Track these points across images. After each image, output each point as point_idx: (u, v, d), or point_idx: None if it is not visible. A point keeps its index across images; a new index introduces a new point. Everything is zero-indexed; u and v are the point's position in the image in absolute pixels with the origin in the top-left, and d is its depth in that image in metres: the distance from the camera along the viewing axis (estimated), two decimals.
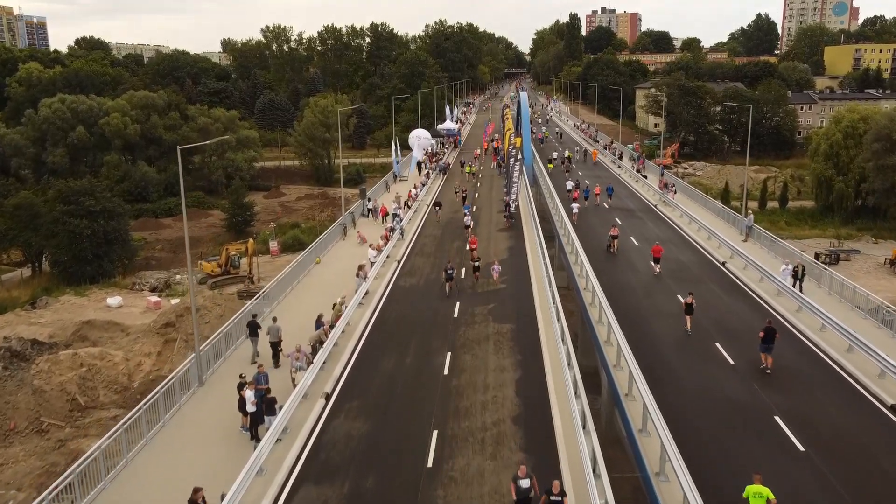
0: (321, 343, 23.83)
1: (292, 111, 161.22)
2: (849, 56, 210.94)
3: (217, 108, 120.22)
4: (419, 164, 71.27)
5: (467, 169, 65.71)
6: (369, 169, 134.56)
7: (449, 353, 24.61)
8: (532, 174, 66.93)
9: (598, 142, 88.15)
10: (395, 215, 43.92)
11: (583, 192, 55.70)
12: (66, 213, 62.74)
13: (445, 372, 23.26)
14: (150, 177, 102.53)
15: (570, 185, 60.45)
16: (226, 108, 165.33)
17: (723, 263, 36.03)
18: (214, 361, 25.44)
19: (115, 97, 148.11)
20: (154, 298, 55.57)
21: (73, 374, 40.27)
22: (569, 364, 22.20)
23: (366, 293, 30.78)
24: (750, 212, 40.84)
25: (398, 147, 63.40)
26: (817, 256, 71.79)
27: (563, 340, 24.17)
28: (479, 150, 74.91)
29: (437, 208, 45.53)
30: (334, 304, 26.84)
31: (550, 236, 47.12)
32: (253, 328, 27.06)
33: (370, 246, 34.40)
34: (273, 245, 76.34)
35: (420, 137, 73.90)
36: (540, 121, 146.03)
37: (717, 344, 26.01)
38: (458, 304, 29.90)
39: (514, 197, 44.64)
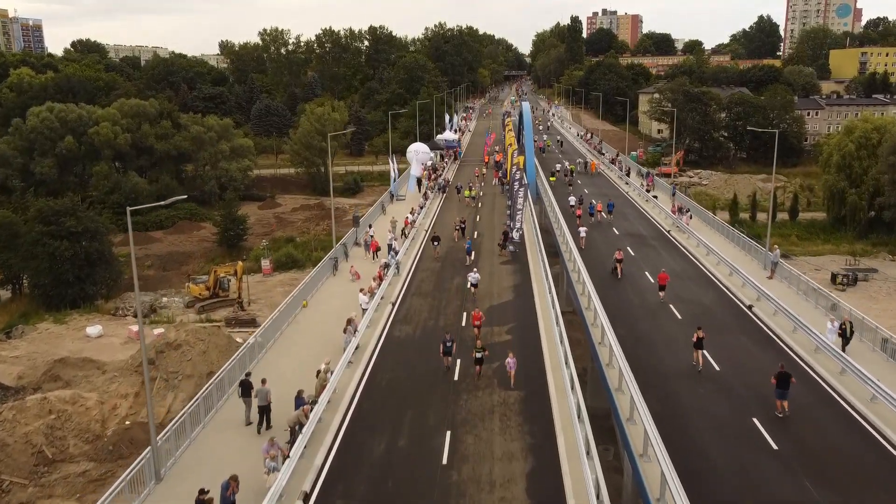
0: (301, 426, 20.69)
1: (289, 117, 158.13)
2: (854, 59, 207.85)
3: (210, 116, 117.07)
4: (418, 181, 68.14)
5: (466, 193, 60.88)
6: (367, 177, 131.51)
7: (448, 433, 21.45)
8: (535, 191, 63.96)
9: (603, 154, 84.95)
10: (389, 246, 40.74)
11: (586, 208, 55.09)
12: (46, 234, 59.58)
13: (444, 460, 20.06)
14: (141, 188, 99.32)
15: (572, 200, 60.11)
16: (221, 114, 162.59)
17: (749, 307, 32.88)
18: (191, 429, 22.13)
19: (107, 103, 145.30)
20: (135, 328, 52.33)
21: (40, 424, 37.11)
22: (587, 452, 19.09)
23: (356, 347, 27.64)
24: (776, 246, 37.57)
25: (396, 165, 60.28)
26: (834, 278, 68.85)
27: (579, 417, 21.06)
28: (478, 169, 71.01)
29: (436, 243, 41.77)
30: (318, 372, 23.70)
31: (553, 251, 44.88)
32: (246, 388, 24.08)
33: (361, 290, 31.27)
34: (265, 263, 73.27)
35: (418, 152, 70.74)
36: (541, 128, 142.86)
37: (755, 420, 22.84)
38: (458, 361, 26.79)
39: (518, 226, 41.51)
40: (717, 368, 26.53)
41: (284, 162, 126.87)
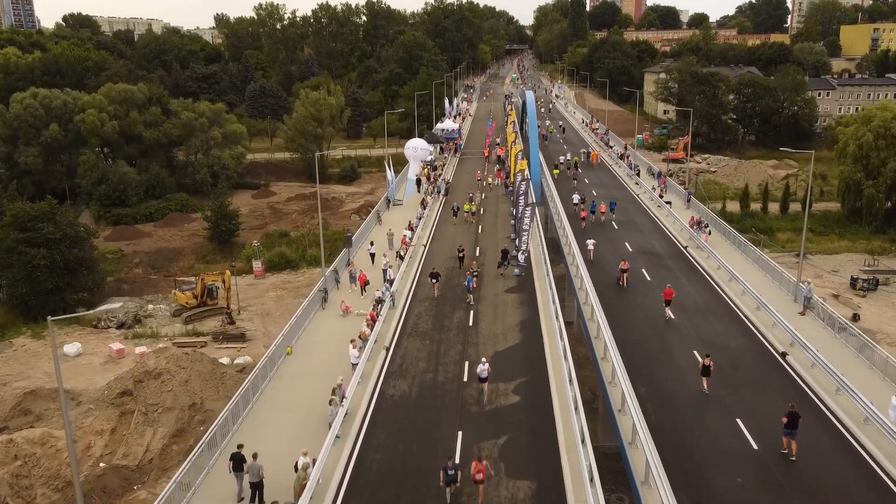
0: None
1: (284, 98, 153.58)
2: (866, 36, 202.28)
3: (202, 102, 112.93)
4: (417, 182, 64.53)
5: (466, 208, 53.20)
6: (365, 162, 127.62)
7: None
8: (540, 191, 60.43)
9: (611, 147, 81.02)
10: (384, 272, 37.40)
11: (589, 206, 54.29)
12: (22, 242, 56.24)
13: None
14: (130, 178, 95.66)
15: (576, 198, 58.60)
16: (215, 95, 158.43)
17: (783, 355, 29.60)
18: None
19: (97, 84, 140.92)
20: (117, 346, 49.30)
21: (4, 472, 34.12)
22: None
23: (345, 414, 24.45)
24: (808, 280, 34.19)
25: (392, 168, 56.65)
26: (854, 283, 65.56)
27: None
28: (480, 172, 66.48)
29: (434, 280, 36.09)
30: (295, 465, 20.50)
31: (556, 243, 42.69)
32: (238, 462, 21.23)
33: (352, 342, 27.93)
34: (257, 265, 69.98)
35: (417, 149, 66.82)
36: (542, 110, 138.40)
37: None
38: (459, 433, 23.65)
39: (524, 248, 38.14)
40: (755, 446, 23.28)
41: (279, 145, 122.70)
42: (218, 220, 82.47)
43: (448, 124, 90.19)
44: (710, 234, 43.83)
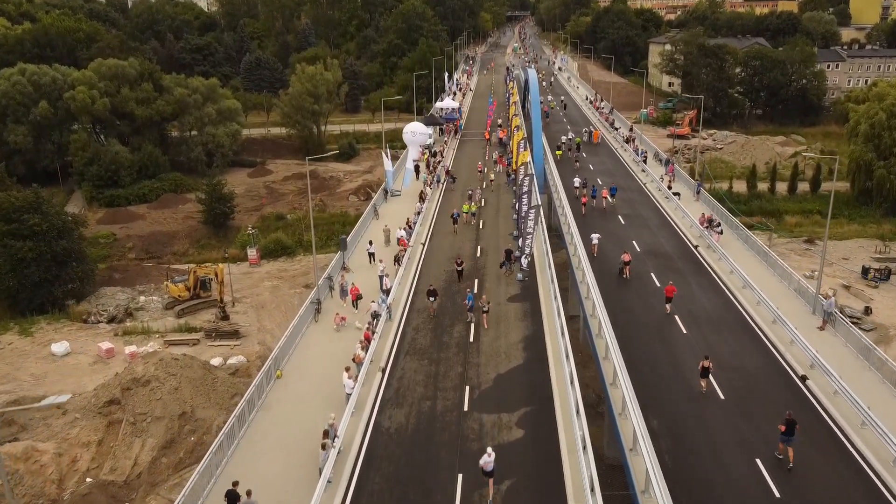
0: None
1: (280, 70, 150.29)
2: (877, 4, 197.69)
3: (196, 77, 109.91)
4: (416, 168, 62.35)
5: (465, 209, 48.24)
6: (363, 138, 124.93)
7: None
8: (542, 176, 58.41)
9: (616, 129, 78.47)
10: (380, 280, 35.53)
11: (590, 191, 54.05)
12: (7, 234, 54.38)
13: None
14: (122, 158, 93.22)
15: (577, 181, 57.87)
16: (210, 66, 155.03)
17: (802, 379, 27.89)
18: None
19: (88, 58, 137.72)
20: (106, 346, 47.71)
21: None
22: None
23: (338, 453, 22.83)
24: (830, 293, 32.37)
25: (390, 156, 54.44)
26: (866, 272, 63.76)
27: None
28: (480, 163, 63.73)
29: (432, 299, 33.07)
30: None
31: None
32: (232, 499, 19.94)
33: (346, 370, 26.10)
34: (252, 253, 68.23)
35: (416, 133, 64.45)
36: (544, 83, 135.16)
37: None
38: (460, 476, 22.05)
39: (527, 251, 36.27)
40: (777, 496, 21.66)
41: (276, 121, 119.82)
42: (212, 202, 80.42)
43: (448, 103, 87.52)
44: (721, 233, 41.85)
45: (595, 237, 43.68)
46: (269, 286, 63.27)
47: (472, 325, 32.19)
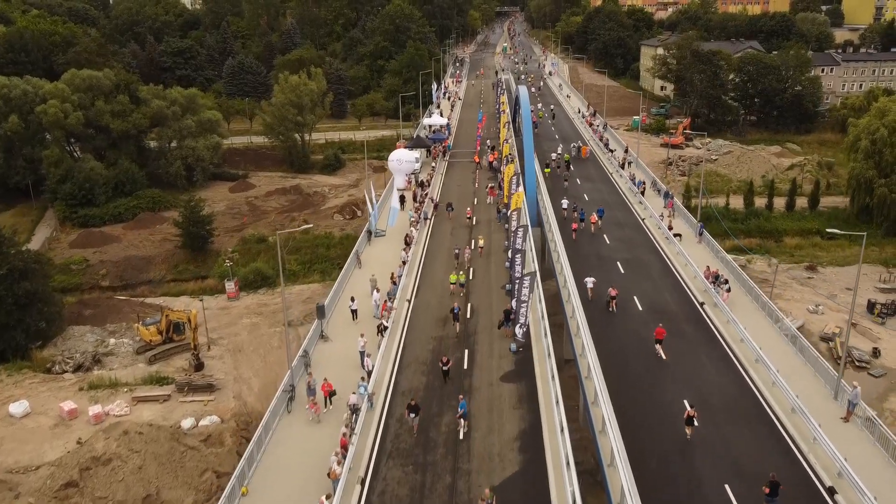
0: None
1: (264, 75, 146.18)
2: (870, 4, 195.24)
3: (174, 88, 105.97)
4: (401, 199, 59.20)
5: (453, 279, 41.96)
6: (349, 146, 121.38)
7: None
8: (535, 210, 55.47)
9: (611, 150, 75.41)
10: (361, 357, 32.42)
11: (579, 214, 54.68)
12: None
13: None
14: (97, 175, 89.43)
15: (565, 203, 58.12)
16: (192, 70, 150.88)
17: (830, 492, 25.05)
18: None
19: (65, 62, 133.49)
20: (69, 405, 44.36)
21: None
22: None
23: None
24: (856, 383, 29.51)
25: (374, 193, 51.14)
26: (871, 307, 61.18)
27: None
28: (470, 208, 57.77)
29: (413, 415, 28.18)
30: None
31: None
32: None
33: (325, 500, 22.81)
34: (230, 286, 64.79)
35: (402, 160, 61.49)
36: (533, 89, 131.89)
37: None
38: None
39: (523, 321, 33.28)
40: None
41: (259, 128, 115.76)
42: (189, 226, 76.90)
43: (436, 119, 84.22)
44: (729, 291, 38.96)
45: (590, 281, 41.96)
46: (248, 324, 60.01)
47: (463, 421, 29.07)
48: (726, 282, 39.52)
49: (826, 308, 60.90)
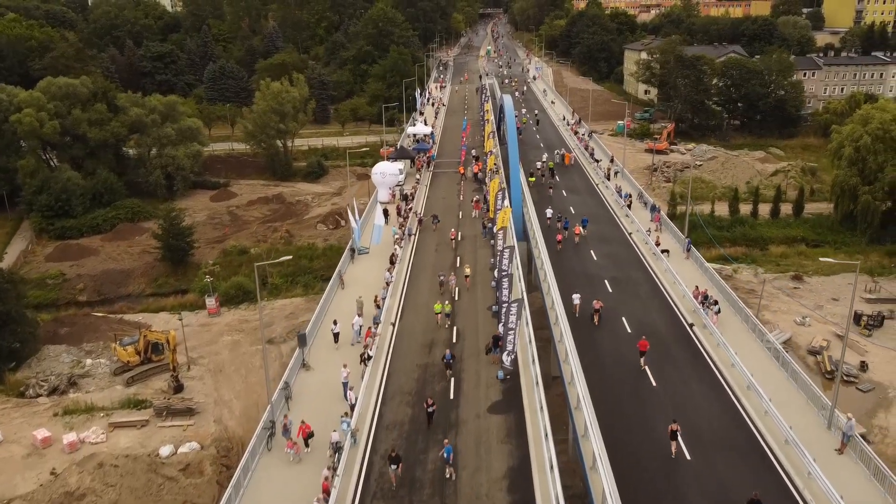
0: None
1: (245, 80, 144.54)
2: (850, 8, 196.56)
3: (153, 96, 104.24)
4: (385, 212, 58.26)
5: (437, 309, 39.61)
6: (332, 153, 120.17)
7: None
8: (521, 225, 54.74)
9: (597, 161, 74.81)
10: (344, 388, 31.42)
11: (563, 224, 55.07)
12: None
13: None
14: (74, 186, 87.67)
15: (549, 212, 58.52)
16: (172, 74, 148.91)
17: None
18: None
19: (41, 67, 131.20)
20: (42, 434, 43.02)
21: None
22: None
23: None
24: (849, 416, 28.89)
25: (357, 212, 50.15)
26: (858, 319, 60.90)
27: None
28: (454, 230, 54.10)
29: (394, 467, 26.54)
30: None
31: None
32: None
33: None
34: (210, 302, 63.45)
35: (385, 174, 60.57)
36: (517, 94, 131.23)
37: None
38: None
39: (510, 348, 32.45)
40: None
41: (241, 135, 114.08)
42: (169, 238, 75.44)
43: (420, 128, 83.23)
44: (718, 312, 38.34)
45: (577, 297, 41.79)
46: (229, 342, 58.76)
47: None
48: (716, 303, 38.91)
49: (812, 320, 60.63)
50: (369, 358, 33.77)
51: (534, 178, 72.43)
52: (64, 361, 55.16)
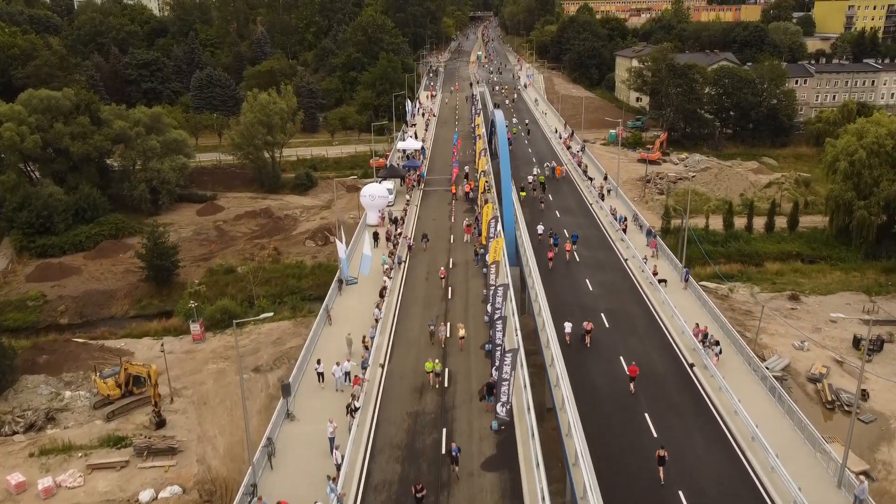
0: None
1: (233, 88, 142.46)
2: (841, 14, 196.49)
3: (138, 108, 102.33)
4: (375, 235, 56.82)
5: (428, 367, 36.10)
6: (321, 164, 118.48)
7: None
8: (514, 249, 53.40)
9: (590, 179, 73.40)
10: (331, 444, 29.84)
11: (553, 240, 55.40)
12: None
13: None
14: (57, 200, 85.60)
15: (541, 229, 58.70)
16: (158, 82, 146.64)
17: None
18: None
19: (24, 76, 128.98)
20: (16, 478, 41.29)
21: None
22: None
23: None
24: (863, 477, 27.58)
25: (345, 243, 48.53)
26: (857, 343, 59.85)
27: None
28: (444, 268, 50.20)
29: None
30: None
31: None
32: None
33: None
34: (195, 328, 61.66)
35: (374, 196, 59.04)
36: (507, 101, 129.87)
37: None
38: None
39: (505, 399, 30.97)
40: None
41: (227, 145, 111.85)
42: (153, 258, 73.56)
43: (410, 143, 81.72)
44: (720, 353, 36.99)
45: (568, 325, 41.40)
46: (214, 370, 57.06)
47: None
48: (717, 343, 37.54)
49: (811, 344, 59.48)
50: (356, 409, 32.19)
51: (525, 193, 71.42)
52: (42, 394, 53.34)
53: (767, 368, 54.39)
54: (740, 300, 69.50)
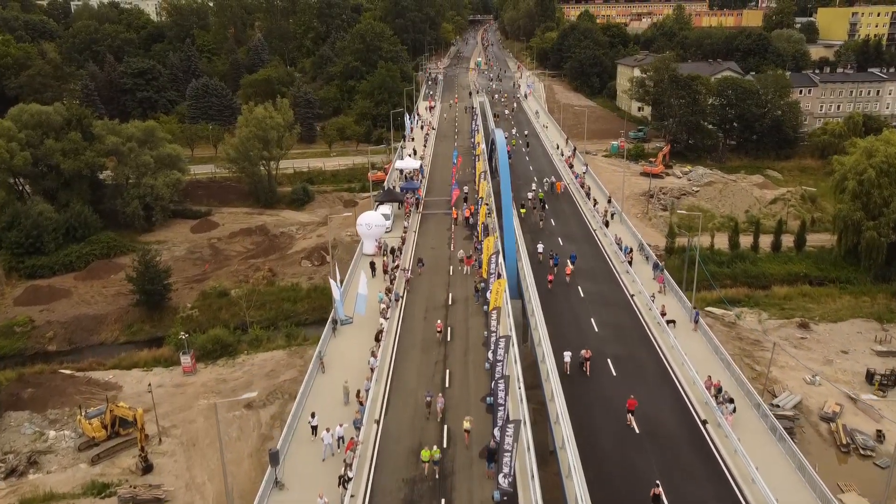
0: None
1: (230, 97, 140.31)
2: (844, 20, 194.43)
3: (131, 122, 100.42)
4: (371, 265, 54.90)
5: (424, 456, 31.89)
6: (318, 177, 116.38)
7: None
8: (515, 281, 51.53)
9: (594, 202, 71.31)
10: None
11: (553, 260, 55.26)
12: None
13: None
14: (46, 221, 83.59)
15: (540, 247, 58.61)
16: (154, 91, 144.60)
17: None
18: None
19: (17, 86, 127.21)
20: None
21: None
22: None
23: None
24: None
25: (339, 285, 46.47)
26: (871, 377, 57.89)
27: None
28: (440, 321, 45.52)
29: None
30: None
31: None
32: None
33: None
34: (185, 360, 59.66)
35: (371, 225, 57.07)
36: (507, 112, 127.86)
37: None
38: None
39: (507, 471, 28.92)
40: None
41: (223, 158, 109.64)
42: (144, 282, 71.59)
43: (408, 163, 79.70)
44: (734, 412, 34.99)
45: (567, 355, 40.65)
46: (205, 407, 54.93)
47: None
48: (731, 400, 35.51)
49: (823, 378, 57.51)
50: (349, 480, 30.20)
51: (524, 210, 69.92)
52: (25, 433, 51.42)
53: (778, 406, 53.08)
54: (748, 328, 67.54)
